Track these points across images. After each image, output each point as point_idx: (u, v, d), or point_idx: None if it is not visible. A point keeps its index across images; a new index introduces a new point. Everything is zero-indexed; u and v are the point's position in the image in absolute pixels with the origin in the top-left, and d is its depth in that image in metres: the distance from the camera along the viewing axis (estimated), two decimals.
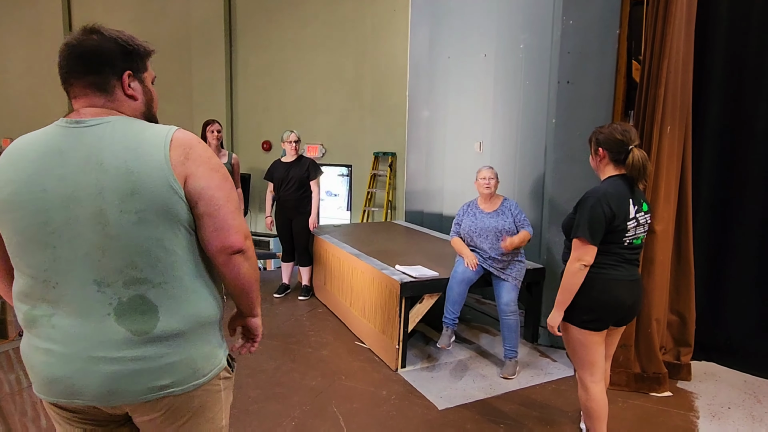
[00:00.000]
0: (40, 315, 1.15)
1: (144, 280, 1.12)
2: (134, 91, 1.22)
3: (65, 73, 1.17)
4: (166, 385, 1.16)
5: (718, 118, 3.43)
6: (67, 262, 1.11)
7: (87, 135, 1.12)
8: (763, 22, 3.28)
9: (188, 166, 1.13)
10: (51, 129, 1.16)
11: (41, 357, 1.15)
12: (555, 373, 3.32)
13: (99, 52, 1.16)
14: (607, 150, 2.14)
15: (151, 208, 1.10)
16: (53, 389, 1.15)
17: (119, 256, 1.11)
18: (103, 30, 1.18)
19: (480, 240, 3.31)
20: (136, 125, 1.16)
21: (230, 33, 8.36)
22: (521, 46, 3.94)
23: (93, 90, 1.17)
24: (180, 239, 1.15)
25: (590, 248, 2.05)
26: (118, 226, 1.09)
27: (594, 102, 3.46)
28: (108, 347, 1.12)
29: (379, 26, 6.94)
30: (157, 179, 1.10)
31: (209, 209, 1.15)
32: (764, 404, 2.96)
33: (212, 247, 1.17)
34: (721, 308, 3.51)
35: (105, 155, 1.10)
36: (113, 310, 1.12)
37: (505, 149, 4.17)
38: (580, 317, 2.12)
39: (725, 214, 3.48)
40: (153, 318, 1.13)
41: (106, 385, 1.13)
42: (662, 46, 2.95)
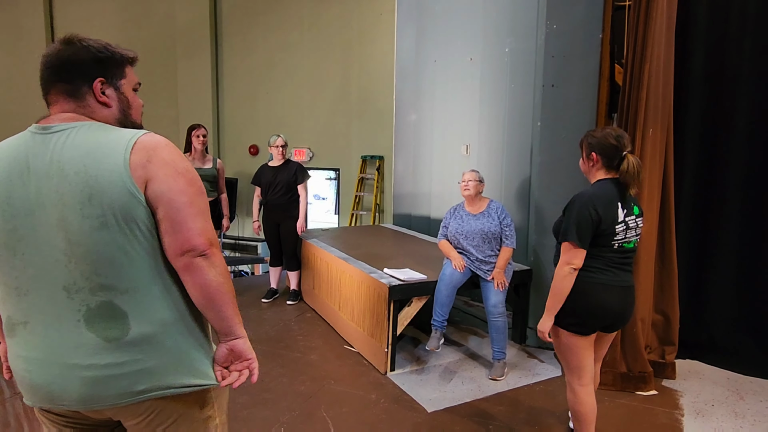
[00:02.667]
0: (17, 323, 1.16)
1: (110, 286, 1.11)
2: (107, 98, 1.22)
3: (43, 83, 1.20)
4: (143, 389, 1.15)
5: (699, 120, 3.50)
6: (37, 269, 1.12)
7: (52, 141, 1.12)
8: (740, 26, 3.36)
9: (149, 169, 1.11)
10: (22, 135, 1.17)
11: (22, 364, 1.16)
12: (543, 374, 3.34)
13: (70, 61, 1.17)
14: (601, 155, 2.13)
15: (110, 213, 1.09)
16: (36, 396, 1.17)
17: (84, 263, 1.10)
18: (77, 39, 1.19)
19: (467, 242, 3.33)
20: (101, 130, 1.15)
21: (216, 37, 8.32)
22: (506, 50, 3.98)
23: (64, 97, 1.18)
24: (143, 244, 1.12)
25: (579, 251, 2.04)
26: (80, 233, 1.09)
27: (578, 105, 3.50)
28: (81, 354, 1.12)
29: (366, 30, 6.96)
30: (115, 183, 1.08)
31: (169, 212, 1.12)
32: (747, 401, 3.02)
33: (171, 251, 1.13)
34: (704, 307, 3.57)
35: (66, 161, 1.10)
36: (82, 316, 1.11)
37: (491, 152, 4.20)
38: (566, 320, 2.12)
39: (707, 214, 3.55)
40: (123, 324, 1.12)
41: (83, 390, 1.13)
42: (644, 50, 3.00)
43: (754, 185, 3.39)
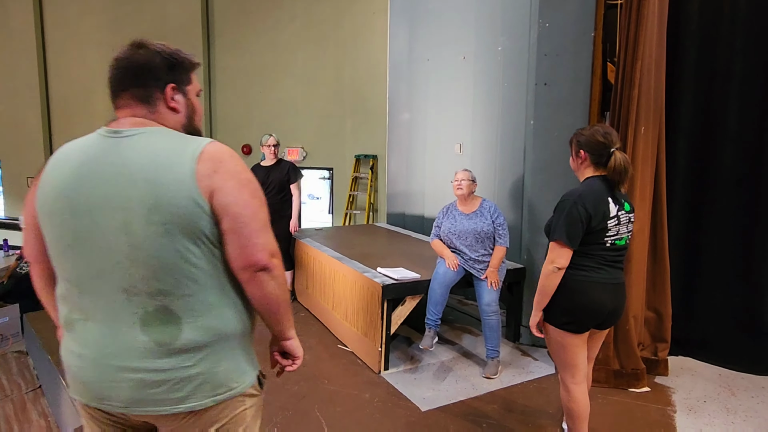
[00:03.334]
0: (76, 319, 1.18)
1: (168, 291, 1.12)
2: (177, 104, 1.24)
3: (113, 85, 1.21)
4: (185, 397, 1.15)
5: (690, 118, 3.51)
6: (98, 269, 1.13)
7: (122, 145, 1.14)
8: (731, 25, 3.37)
9: (215, 180, 1.12)
10: (92, 137, 1.19)
11: (75, 361, 1.19)
12: (537, 372, 3.35)
13: (144, 66, 1.19)
14: (589, 152, 2.13)
15: (175, 221, 1.09)
16: (85, 393, 1.19)
17: (144, 267, 1.11)
18: (149, 44, 1.21)
19: (459, 242, 3.33)
20: (170, 137, 1.16)
21: (208, 36, 8.28)
22: (499, 49, 3.98)
23: (136, 102, 1.20)
24: (204, 253, 1.14)
25: (566, 251, 2.04)
26: (144, 238, 1.10)
27: (571, 103, 3.51)
28: (132, 356, 1.13)
29: (359, 29, 6.95)
30: (181, 192, 1.09)
31: (235, 226, 1.13)
32: (738, 397, 3.04)
33: (236, 264, 1.16)
34: (696, 304, 3.59)
35: (135, 166, 1.11)
36: (138, 319, 1.13)
37: (485, 151, 4.20)
38: (559, 319, 2.12)
39: (698, 212, 3.56)
40: (176, 330, 1.13)
41: (129, 393, 1.14)
42: (635, 49, 3.01)
43: (745, 183, 3.41)
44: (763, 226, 3.35)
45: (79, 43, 9.21)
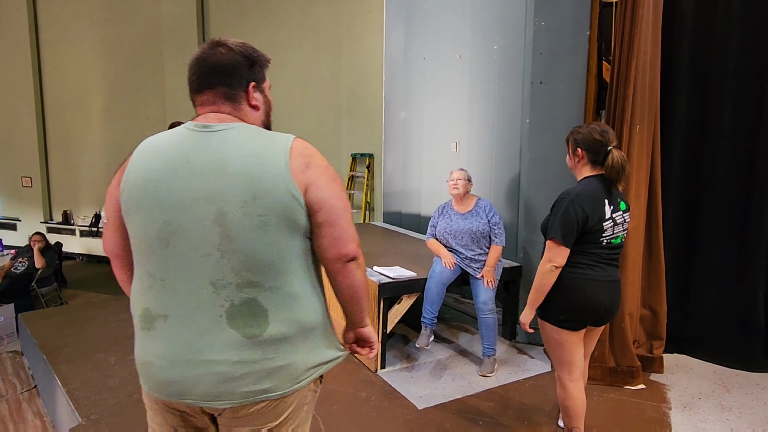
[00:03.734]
0: (157, 316, 1.18)
1: (257, 283, 1.14)
2: (257, 101, 1.28)
3: (197, 83, 1.24)
4: (266, 389, 1.17)
5: (685, 117, 3.53)
6: (186, 262, 1.14)
7: (213, 139, 1.16)
8: (726, 23, 3.39)
9: (309, 175, 1.16)
10: (179, 131, 1.21)
11: (156, 360, 1.18)
12: (533, 370, 3.36)
13: (230, 66, 1.22)
14: (586, 151, 2.13)
15: (272, 213, 1.12)
16: (166, 389, 1.19)
17: (237, 258, 1.12)
18: (229, 42, 1.24)
19: (455, 242, 3.33)
20: (258, 133, 1.20)
21: (203, 34, 8.24)
22: (495, 47, 3.98)
23: (223, 99, 1.23)
24: (295, 245, 1.17)
25: (562, 250, 2.05)
26: (239, 228, 1.12)
27: (567, 102, 3.52)
28: (217, 350, 1.14)
29: (354, 27, 6.93)
30: (278, 186, 1.13)
31: (330, 218, 1.17)
32: (733, 394, 3.06)
33: (329, 255, 1.20)
34: (691, 302, 3.61)
35: (229, 160, 1.13)
36: (225, 312, 1.14)
37: (481, 149, 4.21)
38: (556, 317, 2.13)
39: (693, 210, 3.58)
40: (263, 322, 1.15)
41: (213, 387, 1.15)
42: (630, 47, 3.02)
43: (739, 181, 3.43)
44: (757, 224, 3.37)
45: (74, 42, 9.16)
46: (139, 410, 2.71)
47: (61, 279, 7.80)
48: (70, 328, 3.93)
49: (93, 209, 9.42)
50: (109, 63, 8.97)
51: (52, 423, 3.18)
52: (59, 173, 9.73)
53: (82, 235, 9.47)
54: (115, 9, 8.80)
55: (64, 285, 7.78)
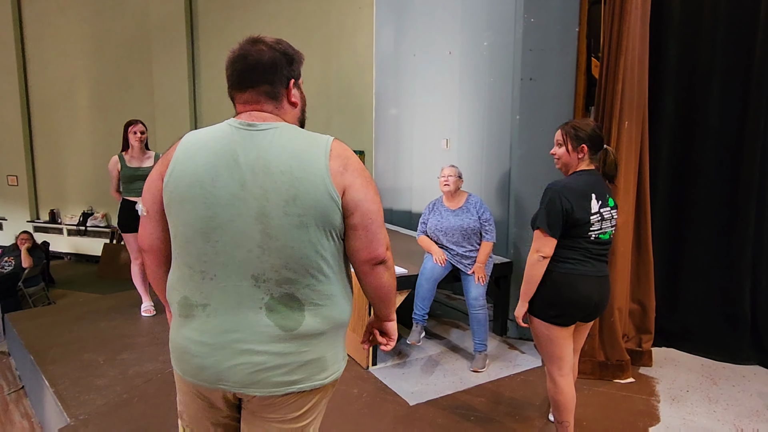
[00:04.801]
0: (196, 304, 1.22)
1: (295, 280, 1.19)
2: (296, 98, 1.30)
3: (238, 81, 1.25)
4: (297, 380, 1.23)
5: (673, 113, 3.57)
6: (228, 256, 1.17)
7: (258, 138, 1.19)
8: (712, 20, 3.42)
9: (347, 177, 1.19)
10: (223, 128, 1.23)
11: (194, 346, 1.22)
12: (523, 365, 3.38)
13: (272, 64, 1.24)
14: (591, 147, 2.14)
15: (311, 213, 1.16)
16: (201, 375, 1.24)
17: (277, 256, 1.17)
18: (268, 39, 1.26)
19: (446, 239, 3.34)
20: (299, 133, 1.23)
21: (192, 31, 8.17)
22: (485, 44, 3.99)
23: (265, 98, 1.25)
24: (331, 245, 1.21)
25: (549, 240, 2.07)
26: (279, 228, 1.16)
27: (556, 98, 3.54)
28: (256, 340, 1.19)
29: (344, 24, 6.91)
30: (318, 187, 1.16)
31: (364, 221, 1.21)
32: (720, 386, 3.10)
33: (360, 257, 1.25)
34: (679, 296, 3.66)
35: (272, 160, 1.16)
36: (264, 305, 1.19)
37: (471, 146, 4.22)
38: (546, 312, 2.14)
39: (681, 205, 3.62)
40: (299, 316, 1.20)
41: (248, 375, 1.20)
42: (619, 44, 3.04)
43: (725, 176, 3.47)
44: (743, 219, 3.42)
45: (60, 38, 9.03)
46: (129, 410, 2.70)
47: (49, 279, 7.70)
48: (58, 328, 3.89)
49: (81, 208, 9.32)
50: (96, 59, 8.85)
51: (40, 424, 3.15)
52: (46, 171, 9.60)
53: (69, 234, 9.36)
54: (101, 4, 8.68)
55: (52, 285, 7.69)
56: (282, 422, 1.27)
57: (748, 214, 3.40)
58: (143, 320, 4.07)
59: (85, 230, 9.12)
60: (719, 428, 2.64)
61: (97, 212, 9.19)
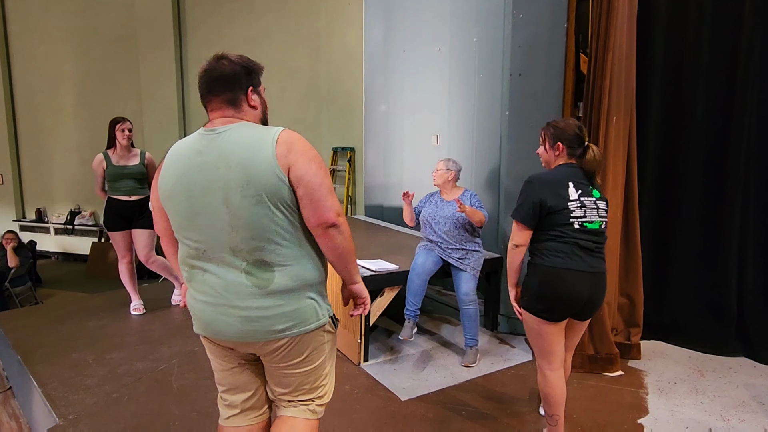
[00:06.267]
0: (197, 272, 1.53)
1: (262, 247, 1.45)
2: (255, 102, 1.56)
3: (206, 91, 1.53)
4: (282, 329, 1.50)
5: (660, 108, 3.59)
6: (210, 235, 1.47)
7: (218, 140, 1.47)
8: (699, 16, 3.45)
9: (290, 158, 1.42)
10: (195, 135, 1.53)
11: (199, 305, 1.54)
12: (514, 359, 3.41)
13: (232, 75, 1.51)
14: (567, 145, 2.21)
15: (263, 193, 1.41)
16: (207, 328, 1.55)
17: (244, 230, 1.44)
18: (230, 56, 1.53)
19: (438, 227, 3.36)
20: (252, 129, 1.48)
21: (179, 26, 8.08)
22: (474, 40, 3.99)
23: (227, 105, 1.52)
24: (286, 217, 1.46)
25: (521, 228, 2.17)
26: (240, 208, 1.42)
27: (545, 94, 3.55)
28: (240, 298, 1.47)
29: (334, 20, 6.88)
30: (266, 170, 1.41)
31: (308, 192, 1.43)
32: (707, 377, 3.14)
33: (311, 222, 1.47)
34: (666, 290, 3.70)
35: (229, 153, 1.44)
36: (243, 269, 1.47)
37: (461, 142, 4.22)
38: (534, 306, 2.15)
39: (668, 200, 3.66)
40: (270, 276, 1.47)
41: (240, 327, 1.49)
42: (606, 39, 3.06)
43: (712, 171, 3.51)
44: (729, 213, 3.46)
45: (45, 34, 8.90)
46: (119, 409, 2.68)
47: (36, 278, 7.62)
48: (46, 327, 3.85)
49: (68, 206, 9.21)
50: (82, 56, 8.74)
51: (29, 424, 3.11)
52: (32, 170, 9.47)
53: (57, 233, 9.25)
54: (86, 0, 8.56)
55: (39, 284, 7.60)
56: (292, 367, 1.57)
57: (734, 208, 3.44)
58: (132, 319, 4.04)
59: (73, 229, 9.02)
60: (706, 419, 2.68)
61: (85, 211, 9.09)
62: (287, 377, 1.60)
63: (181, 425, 2.56)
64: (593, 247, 2.15)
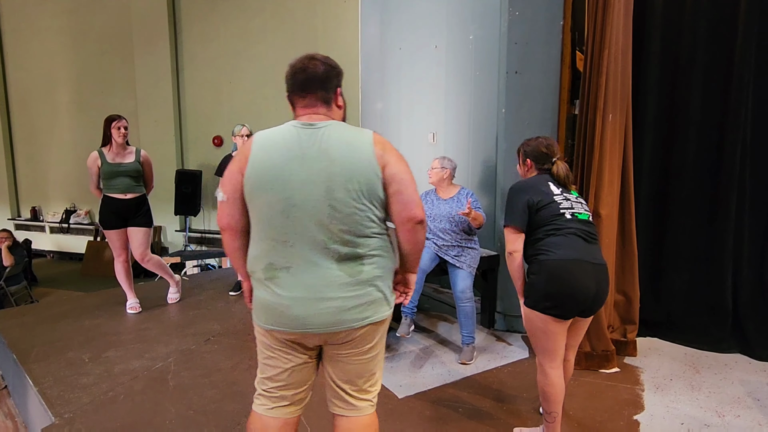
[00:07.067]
0: (280, 268, 1.54)
1: (355, 240, 1.53)
2: (341, 102, 1.66)
3: (300, 89, 1.60)
4: (368, 316, 1.57)
5: (656, 106, 3.60)
6: (303, 227, 1.51)
7: (318, 134, 1.53)
8: (694, 14, 3.46)
9: (385, 158, 1.54)
10: (289, 128, 1.57)
11: (282, 301, 1.54)
12: (511, 356, 3.41)
13: (327, 76, 1.60)
14: (534, 161, 2.39)
15: (364, 188, 1.51)
16: (291, 324, 1.55)
17: (341, 223, 1.50)
18: (320, 56, 1.61)
19: (434, 225, 3.37)
20: (348, 128, 1.58)
21: (174, 24, 8.05)
22: (471, 38, 3.99)
23: (321, 103, 1.60)
24: (378, 212, 1.56)
25: (515, 232, 2.23)
26: (342, 202, 1.50)
27: (541, 91, 3.55)
28: (332, 289, 1.52)
29: (330, 17, 6.86)
30: (367, 168, 1.51)
31: (399, 188, 1.55)
32: (702, 374, 3.16)
33: (401, 217, 1.57)
34: (662, 287, 3.71)
35: (332, 149, 1.51)
36: (335, 260, 1.53)
37: (458, 140, 4.22)
38: (542, 303, 2.12)
39: (664, 197, 3.67)
40: (361, 267, 1.55)
41: (329, 317, 1.53)
42: (602, 37, 3.06)
43: (707, 168, 3.53)
44: (725, 210, 3.47)
45: (39, 31, 8.84)
46: (115, 408, 2.67)
47: (32, 277, 7.59)
48: (41, 326, 3.83)
49: (63, 205, 9.17)
50: (76, 53, 8.69)
51: (24, 423, 3.10)
52: (27, 168, 9.43)
53: (52, 231, 9.22)
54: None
55: (35, 283, 7.57)
56: (359, 355, 1.63)
57: (729, 205, 3.46)
58: (128, 317, 4.03)
59: (68, 227, 8.98)
60: (702, 415, 2.69)
61: (80, 209, 9.05)
62: (354, 365, 1.65)
63: (178, 423, 2.55)
64: (589, 237, 2.20)
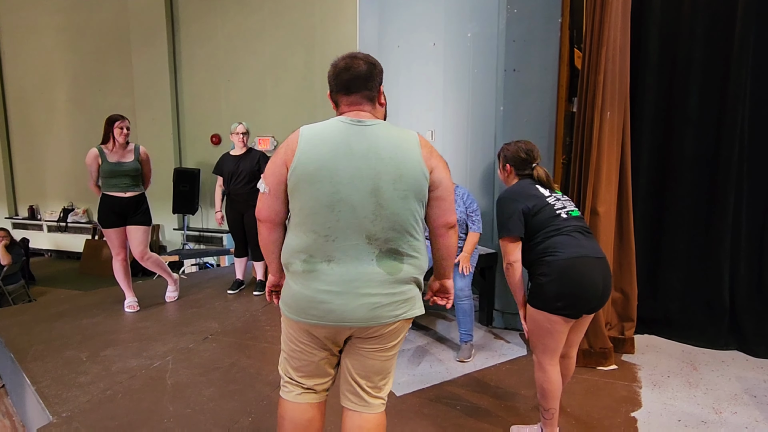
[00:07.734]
0: (319, 262, 1.55)
1: (397, 238, 1.55)
2: (383, 100, 1.68)
3: (345, 87, 1.60)
4: (401, 313, 1.60)
5: (653, 104, 3.60)
6: (348, 222, 1.52)
7: (366, 132, 1.55)
8: (692, 12, 3.46)
9: (432, 161, 1.58)
10: (337, 124, 1.57)
11: (322, 295, 1.55)
12: (509, 354, 3.42)
13: (371, 75, 1.61)
14: (513, 167, 2.41)
15: (411, 188, 1.54)
16: (328, 317, 1.56)
17: (386, 221, 1.53)
18: (362, 55, 1.62)
19: None
20: (394, 127, 1.60)
21: (172, 22, 8.02)
22: (469, 35, 3.98)
23: (366, 101, 1.62)
24: (420, 213, 1.59)
25: (512, 241, 2.21)
26: (389, 200, 1.52)
27: (539, 89, 3.55)
28: (371, 285, 1.54)
29: (328, 15, 6.85)
30: (416, 169, 1.54)
31: (444, 194, 1.60)
32: (699, 371, 3.17)
33: (440, 221, 1.62)
34: (659, 284, 3.72)
35: (381, 147, 1.53)
36: (375, 257, 1.55)
37: (456, 138, 4.22)
38: (553, 304, 2.10)
39: (661, 194, 3.67)
40: (400, 265, 1.58)
41: (367, 312, 1.55)
42: (601, 34, 3.06)
43: (705, 166, 3.53)
44: (722, 208, 3.48)
45: (36, 29, 8.81)
46: (113, 406, 2.67)
47: (29, 276, 7.57)
48: (39, 325, 3.83)
49: (61, 204, 9.15)
50: (73, 51, 8.66)
51: (22, 422, 3.10)
52: (24, 167, 9.40)
53: (50, 230, 9.19)
54: None
55: (32, 282, 7.56)
56: (382, 351, 1.65)
57: (726, 203, 3.46)
58: (126, 316, 4.02)
59: (66, 226, 8.96)
60: (699, 412, 2.70)
61: (78, 208, 9.03)
62: (375, 360, 1.66)
63: (176, 422, 2.55)
64: (586, 232, 2.23)
